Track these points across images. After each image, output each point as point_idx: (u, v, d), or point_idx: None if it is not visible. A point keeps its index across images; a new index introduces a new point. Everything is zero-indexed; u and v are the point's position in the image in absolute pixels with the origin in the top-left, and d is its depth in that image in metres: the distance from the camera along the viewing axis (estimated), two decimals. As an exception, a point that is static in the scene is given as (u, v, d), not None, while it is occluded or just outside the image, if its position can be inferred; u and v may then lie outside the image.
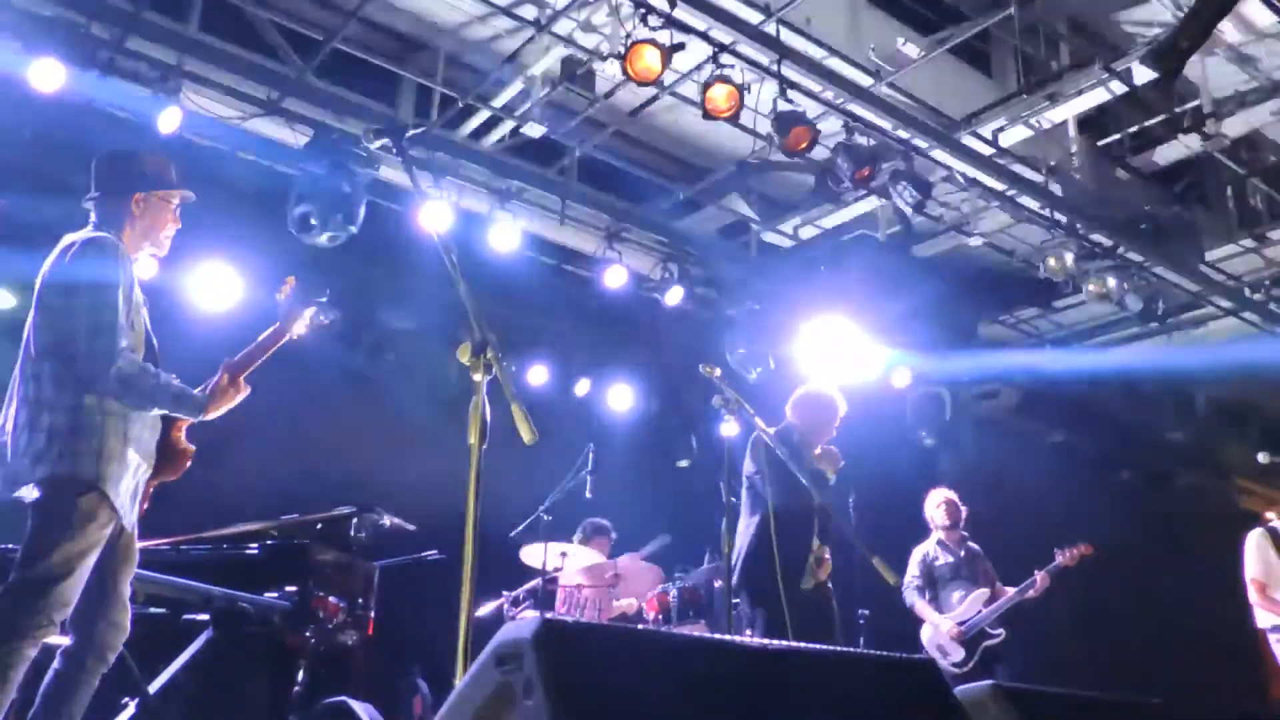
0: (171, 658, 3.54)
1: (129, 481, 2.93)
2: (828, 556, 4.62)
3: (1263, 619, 5.77)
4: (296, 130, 5.91)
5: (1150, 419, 10.31)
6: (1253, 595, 5.78)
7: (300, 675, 3.84)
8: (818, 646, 1.64)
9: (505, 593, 5.82)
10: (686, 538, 6.43)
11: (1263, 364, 8.19)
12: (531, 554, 5.70)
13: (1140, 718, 2.36)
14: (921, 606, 6.04)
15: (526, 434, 2.33)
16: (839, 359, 7.70)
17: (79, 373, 2.83)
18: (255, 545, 4.17)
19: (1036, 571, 5.98)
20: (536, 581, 5.65)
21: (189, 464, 3.21)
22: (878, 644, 6.00)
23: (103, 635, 2.92)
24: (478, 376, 2.41)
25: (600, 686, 1.24)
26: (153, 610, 3.45)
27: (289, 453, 5.88)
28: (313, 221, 5.67)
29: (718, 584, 5.87)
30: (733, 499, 4.00)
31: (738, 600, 4.53)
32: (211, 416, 3.05)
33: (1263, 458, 5.70)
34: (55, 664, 2.91)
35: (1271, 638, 5.72)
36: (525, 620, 1.30)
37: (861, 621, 6.18)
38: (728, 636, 3.62)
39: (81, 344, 2.84)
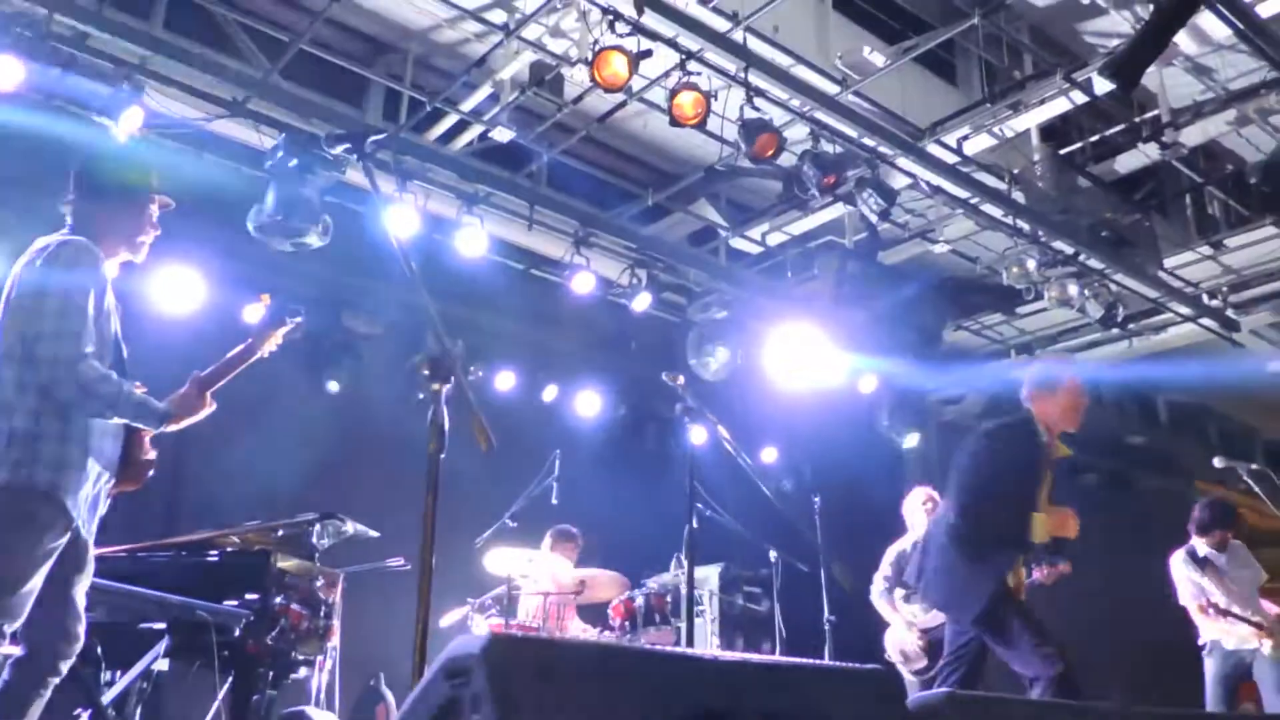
0: (127, 668, 3.49)
1: (88, 490, 2.88)
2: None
3: (1203, 631, 5.80)
4: (262, 132, 5.86)
5: (1112, 423, 10.48)
6: (1194, 614, 5.79)
7: (260, 685, 3.80)
8: (770, 658, 1.65)
9: (470, 600, 5.78)
10: (653, 544, 6.43)
11: (1220, 370, 8.34)
12: (496, 561, 5.68)
13: (1095, 722, 2.39)
14: (886, 609, 5.93)
15: (484, 443, 2.32)
16: (806, 364, 7.75)
17: (40, 377, 2.79)
18: (215, 552, 4.11)
19: None
20: (501, 589, 5.62)
21: (150, 474, 3.16)
22: (842, 651, 6.02)
23: (55, 645, 2.86)
24: (436, 385, 2.40)
25: (550, 701, 1.24)
26: (107, 620, 3.39)
27: (251, 459, 5.81)
28: (278, 226, 5.62)
29: (683, 590, 5.87)
30: (698, 504, 3.99)
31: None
32: (173, 429, 3.01)
33: (1218, 462, 5.77)
34: (5, 675, 2.84)
35: (1208, 660, 5.76)
36: (475, 635, 1.29)
37: (827, 627, 6.18)
38: (683, 649, 3.62)
39: (45, 348, 2.79)
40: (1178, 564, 5.92)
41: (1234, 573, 5.84)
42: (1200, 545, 5.93)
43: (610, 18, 5.12)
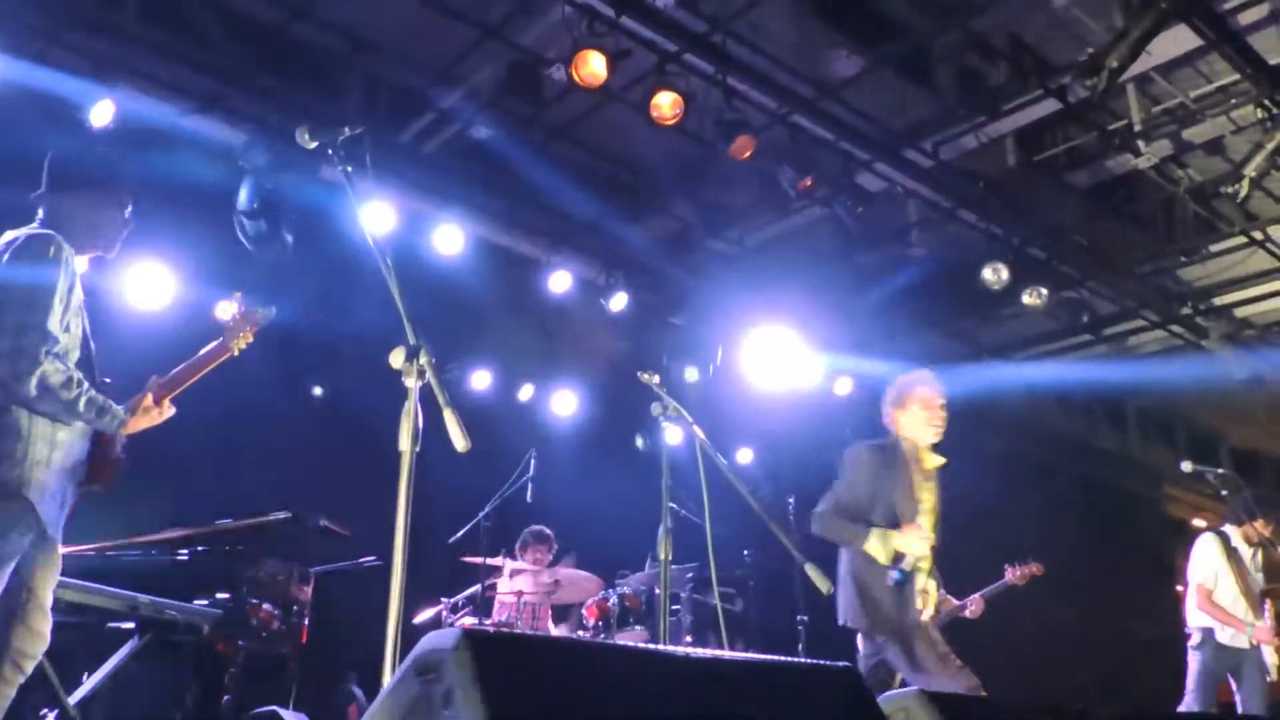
0: (95, 667, 3.45)
1: (55, 488, 2.84)
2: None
3: (1195, 619, 5.70)
4: (237, 127, 5.81)
5: (1083, 428, 10.61)
6: (1196, 598, 5.66)
7: (230, 684, 3.77)
8: (741, 655, 1.66)
9: (444, 599, 5.77)
10: (627, 544, 6.43)
11: (1189, 375, 8.46)
12: (471, 560, 5.66)
13: (1062, 721, 2.42)
14: None
15: (459, 442, 2.32)
16: (782, 366, 7.79)
17: (2, 372, 2.75)
18: (186, 551, 4.09)
19: (972, 595, 5.60)
20: (476, 588, 5.61)
21: (120, 474, 3.13)
22: (816, 649, 6.06)
23: (21, 644, 2.83)
24: (410, 382, 2.39)
25: (520, 697, 1.24)
26: (76, 618, 3.35)
27: (223, 456, 5.76)
28: (256, 224, 5.58)
29: (657, 590, 5.88)
30: (672, 505, 3.99)
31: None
32: (129, 433, 2.98)
33: (1186, 466, 5.81)
34: (-31, 674, 2.81)
35: (1195, 654, 5.67)
36: (446, 631, 1.29)
37: (800, 627, 6.22)
38: (655, 645, 3.62)
39: (6, 343, 2.75)
40: (1208, 544, 5.73)
41: (1253, 574, 5.71)
42: (1234, 534, 5.77)
43: (589, 18, 5.12)
